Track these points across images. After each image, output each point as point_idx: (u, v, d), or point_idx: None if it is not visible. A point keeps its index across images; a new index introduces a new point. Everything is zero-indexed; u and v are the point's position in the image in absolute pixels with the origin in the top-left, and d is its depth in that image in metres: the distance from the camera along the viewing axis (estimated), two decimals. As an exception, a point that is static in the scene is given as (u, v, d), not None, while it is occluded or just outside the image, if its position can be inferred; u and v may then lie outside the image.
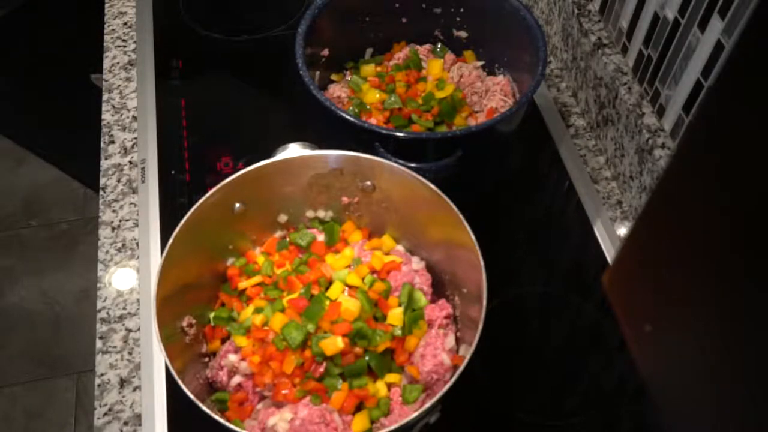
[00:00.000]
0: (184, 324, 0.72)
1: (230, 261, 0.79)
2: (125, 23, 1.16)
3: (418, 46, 1.02)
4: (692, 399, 0.36)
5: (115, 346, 0.82)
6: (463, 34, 1.01)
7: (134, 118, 1.03)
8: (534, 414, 0.78)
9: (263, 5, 1.20)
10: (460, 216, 0.70)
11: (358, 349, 0.69)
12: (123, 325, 0.83)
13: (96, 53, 1.14)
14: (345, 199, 0.81)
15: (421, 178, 0.73)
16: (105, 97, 1.06)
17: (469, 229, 0.69)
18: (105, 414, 0.77)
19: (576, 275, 0.89)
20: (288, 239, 0.81)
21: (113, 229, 0.92)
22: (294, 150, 0.81)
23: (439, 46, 1.03)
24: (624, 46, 0.92)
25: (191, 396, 0.61)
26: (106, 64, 1.11)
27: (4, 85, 1.45)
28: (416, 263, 0.80)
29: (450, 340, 0.72)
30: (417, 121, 0.90)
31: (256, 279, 0.77)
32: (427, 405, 0.62)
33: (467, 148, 0.82)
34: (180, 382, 0.62)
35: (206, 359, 0.74)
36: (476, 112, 0.95)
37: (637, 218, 0.37)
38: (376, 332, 0.70)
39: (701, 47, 0.75)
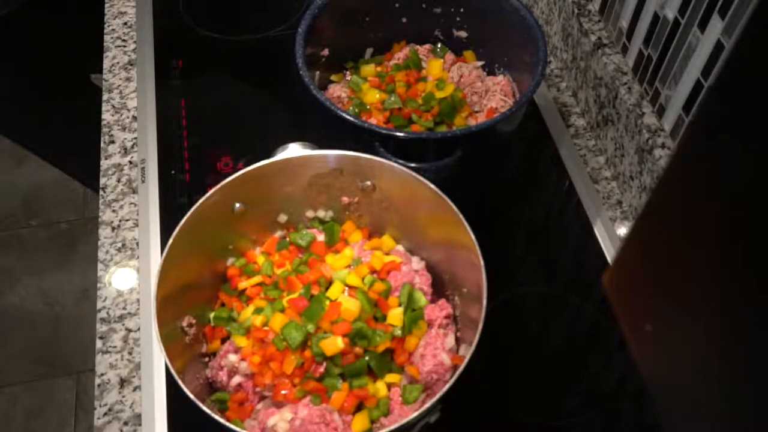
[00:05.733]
0: (184, 324, 0.72)
1: (230, 261, 0.79)
2: (125, 23, 1.16)
3: (418, 46, 1.02)
4: (692, 399, 0.36)
5: (115, 346, 0.82)
6: (463, 34, 1.01)
7: (134, 118, 1.03)
8: (534, 414, 0.78)
9: (263, 5, 1.20)
10: (460, 216, 0.70)
11: (358, 349, 0.69)
12: (123, 325, 0.83)
13: (96, 53, 1.14)
14: (345, 199, 0.81)
15: (421, 178, 0.73)
16: (105, 97, 1.06)
17: (469, 229, 0.69)
18: (105, 414, 0.77)
19: (576, 275, 0.89)
20: (288, 239, 0.81)
21: (113, 229, 0.92)
22: (294, 150, 0.81)
23: (439, 46, 1.03)
24: (624, 46, 0.92)
25: (191, 396, 0.61)
26: (106, 64, 1.11)
27: (4, 85, 1.44)
28: (416, 263, 0.80)
29: (450, 340, 0.72)
30: (417, 121, 0.90)
31: (256, 279, 0.77)
32: (427, 405, 0.62)
33: (467, 148, 0.82)
34: (180, 382, 0.62)
35: (206, 359, 0.74)
36: (476, 112, 0.95)
37: (637, 218, 0.37)
38: (376, 332, 0.70)
39: (701, 47, 0.75)
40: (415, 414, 0.62)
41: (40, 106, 1.51)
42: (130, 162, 0.98)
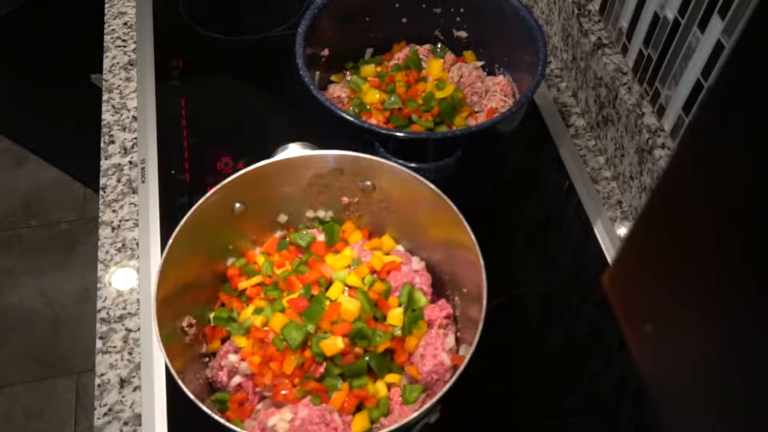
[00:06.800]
0: (184, 324, 0.72)
1: (230, 261, 0.79)
2: (125, 23, 1.16)
3: (418, 46, 1.02)
4: (692, 399, 0.36)
5: (115, 346, 0.82)
6: (463, 34, 1.01)
7: (134, 118, 1.03)
8: (534, 414, 0.78)
9: (263, 5, 1.20)
10: (460, 216, 0.70)
11: (358, 350, 0.69)
12: (123, 325, 0.83)
13: (96, 53, 1.14)
14: (345, 199, 0.81)
15: (421, 178, 0.73)
16: (105, 97, 1.06)
17: (469, 229, 0.69)
18: (105, 414, 0.77)
19: (576, 275, 0.89)
20: (288, 239, 0.81)
21: (113, 229, 0.92)
22: (294, 150, 0.81)
23: (439, 46, 1.03)
24: (624, 46, 0.92)
25: (191, 396, 0.61)
26: (106, 64, 1.11)
27: (4, 85, 1.44)
28: (416, 263, 0.80)
29: (450, 340, 0.72)
30: (417, 121, 0.90)
31: (256, 279, 0.77)
32: (427, 405, 0.62)
33: (467, 148, 0.82)
34: (180, 382, 0.62)
35: (206, 359, 0.74)
36: (476, 112, 0.95)
37: (637, 218, 0.37)
38: (376, 332, 0.70)
39: (701, 47, 0.75)
40: (415, 414, 0.62)
41: (40, 106, 1.51)
42: (130, 162, 0.98)
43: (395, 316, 0.72)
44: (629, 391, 0.80)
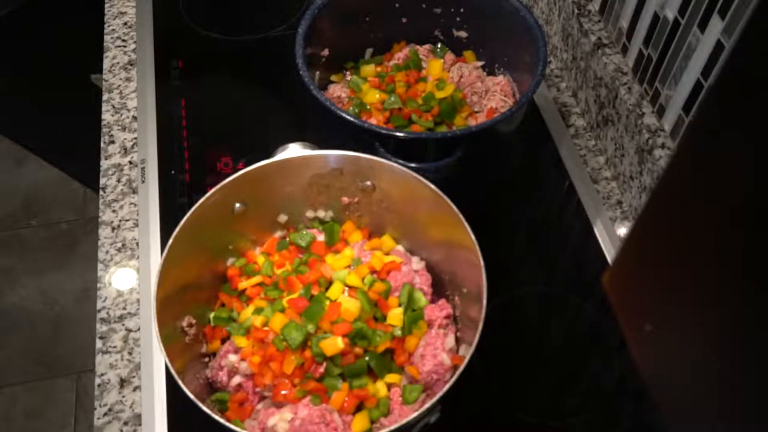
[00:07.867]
0: (184, 324, 0.72)
1: (230, 261, 0.79)
2: (125, 23, 1.16)
3: (418, 46, 1.02)
4: (692, 399, 0.36)
5: (115, 346, 0.82)
6: (463, 34, 1.01)
7: (134, 118, 1.03)
8: (534, 414, 0.78)
9: (263, 5, 1.20)
10: (460, 216, 0.70)
11: (358, 350, 0.69)
12: (123, 325, 0.83)
13: (96, 53, 1.14)
14: (345, 199, 0.81)
15: (421, 178, 0.73)
16: (105, 97, 1.06)
17: (469, 229, 0.69)
18: (105, 414, 0.77)
19: (576, 275, 0.89)
20: (288, 239, 0.81)
21: (113, 229, 0.92)
22: (294, 150, 0.81)
23: (439, 46, 1.03)
24: (624, 46, 0.92)
25: (191, 396, 0.61)
26: (106, 64, 1.11)
27: (4, 85, 1.44)
28: (416, 263, 0.80)
29: (450, 340, 0.72)
30: (417, 121, 0.90)
31: (256, 279, 0.77)
32: (427, 405, 0.62)
33: (467, 148, 0.82)
34: (180, 382, 0.62)
35: (206, 359, 0.74)
36: (476, 112, 0.95)
37: (637, 218, 0.37)
38: (376, 332, 0.70)
39: (701, 47, 0.75)
40: (415, 414, 0.62)
41: (40, 106, 1.51)
42: (130, 162, 0.98)
43: (395, 316, 0.72)
44: (629, 391, 0.80)
